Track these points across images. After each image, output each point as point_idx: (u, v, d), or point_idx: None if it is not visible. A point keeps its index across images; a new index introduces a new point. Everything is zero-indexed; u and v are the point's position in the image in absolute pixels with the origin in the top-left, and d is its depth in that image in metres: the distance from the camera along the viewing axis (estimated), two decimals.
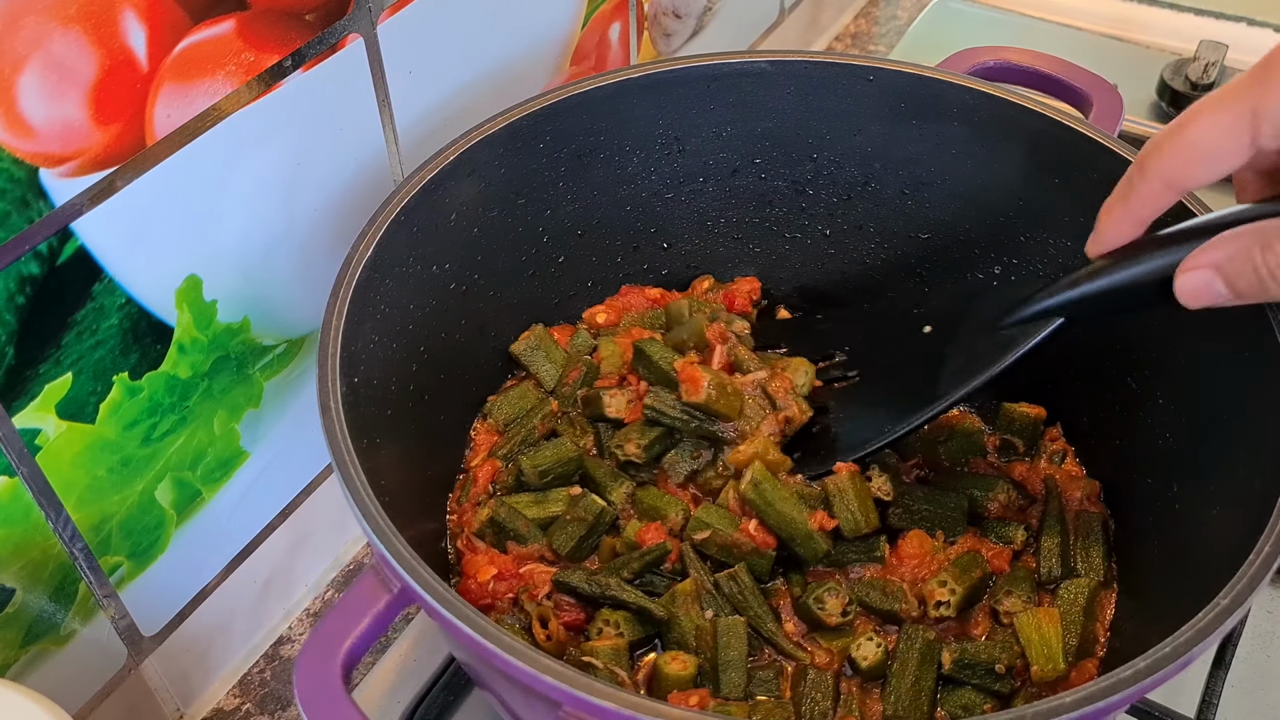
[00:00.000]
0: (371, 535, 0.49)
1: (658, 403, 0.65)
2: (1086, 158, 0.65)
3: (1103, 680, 0.44)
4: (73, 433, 0.55)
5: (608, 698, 0.43)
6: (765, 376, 0.67)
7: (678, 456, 0.66)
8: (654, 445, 0.66)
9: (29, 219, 0.49)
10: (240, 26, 0.55)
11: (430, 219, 0.63)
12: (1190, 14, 1.13)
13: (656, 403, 0.65)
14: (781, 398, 0.66)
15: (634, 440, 0.66)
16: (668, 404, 0.65)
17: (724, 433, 0.64)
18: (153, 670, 0.65)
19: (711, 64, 0.70)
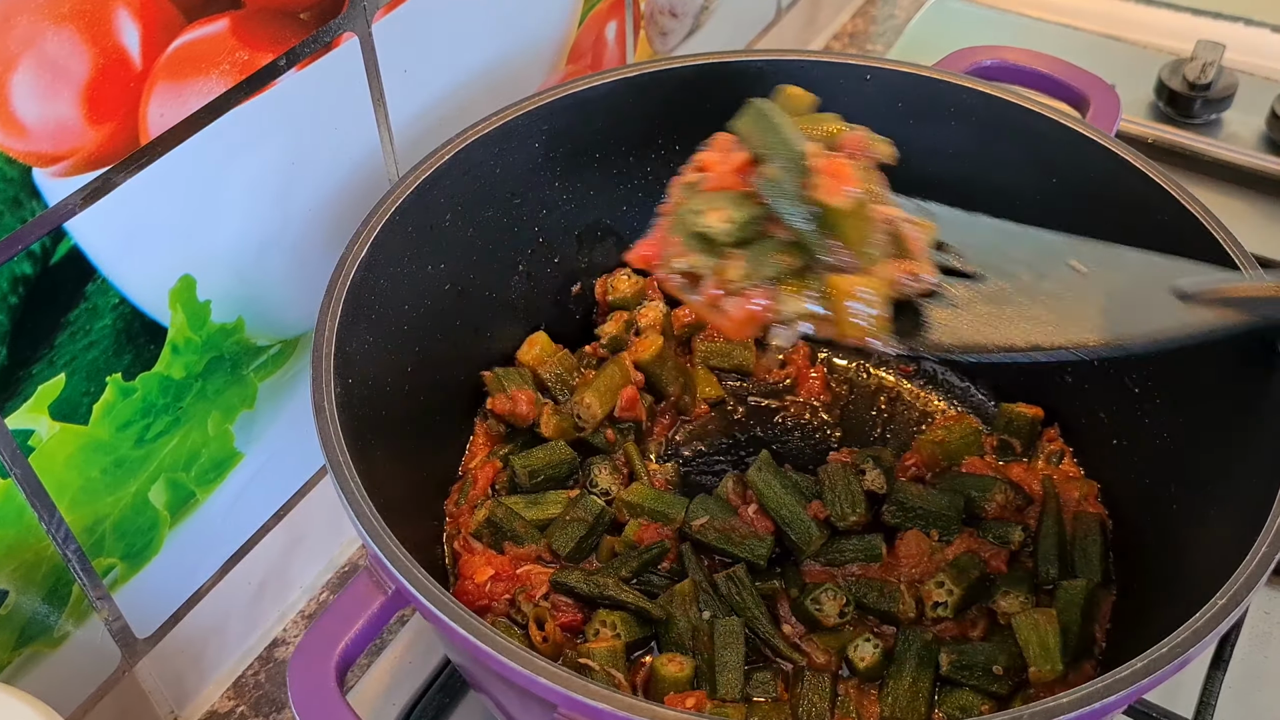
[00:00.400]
0: (366, 537, 0.48)
1: (776, 181, 0.52)
2: (1084, 157, 0.66)
3: (1100, 681, 0.44)
4: (66, 434, 0.54)
5: (603, 699, 0.43)
6: (902, 216, 0.55)
7: (763, 251, 0.53)
8: (746, 226, 0.52)
9: (22, 219, 0.49)
10: (234, 25, 0.55)
11: (425, 219, 0.63)
12: (1188, 14, 1.13)
13: (775, 180, 0.52)
14: (914, 246, 0.55)
15: (724, 210, 0.52)
16: (788, 190, 0.52)
17: (833, 255, 0.53)
18: (147, 672, 0.65)
19: (708, 63, 0.70)
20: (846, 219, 0.52)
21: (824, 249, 0.52)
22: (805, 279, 0.53)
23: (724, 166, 0.54)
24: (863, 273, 0.52)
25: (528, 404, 0.69)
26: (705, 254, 0.53)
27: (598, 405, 0.68)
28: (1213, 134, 0.99)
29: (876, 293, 0.52)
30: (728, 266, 0.52)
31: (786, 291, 0.53)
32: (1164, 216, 0.62)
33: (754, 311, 0.52)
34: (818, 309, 0.53)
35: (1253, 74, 1.04)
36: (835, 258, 0.52)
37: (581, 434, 0.69)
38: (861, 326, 0.52)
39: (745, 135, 0.55)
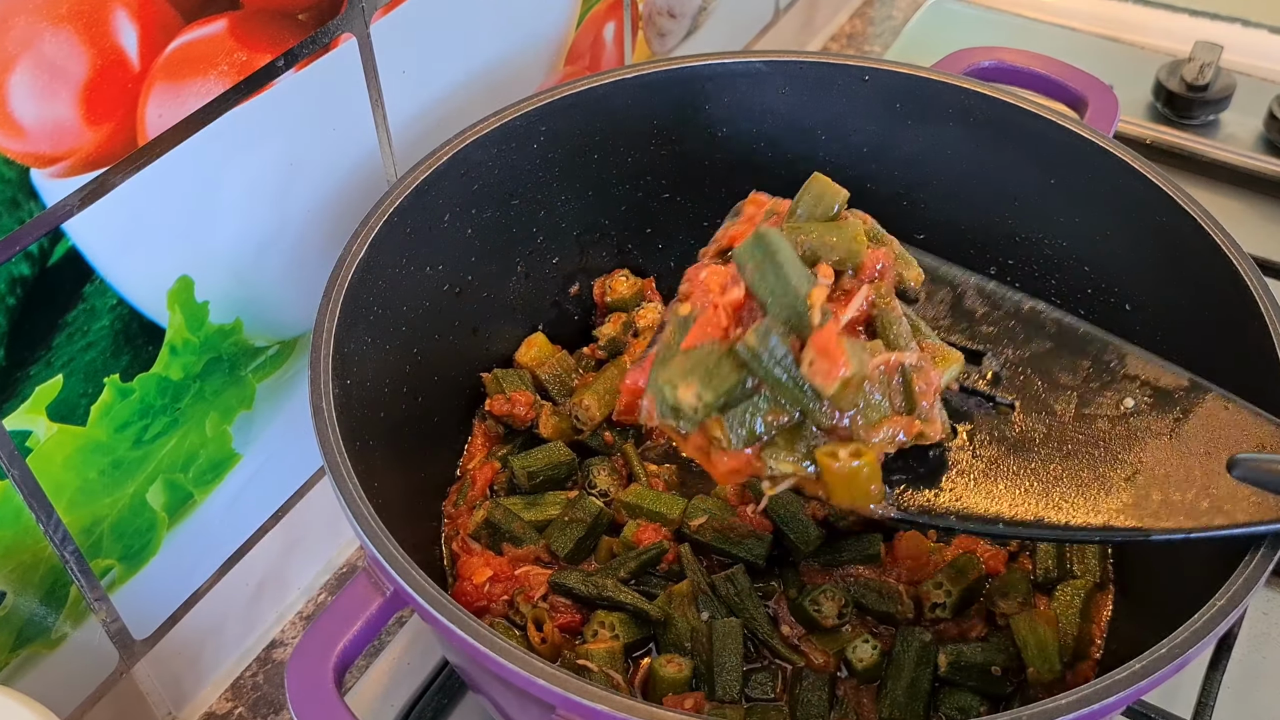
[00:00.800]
0: (364, 538, 0.48)
1: (763, 348, 0.46)
2: (1082, 158, 0.65)
3: (1099, 682, 0.44)
4: (64, 435, 0.54)
5: (601, 701, 0.43)
6: (913, 362, 0.49)
7: (748, 412, 0.48)
8: (720, 399, 0.48)
9: (19, 219, 0.49)
10: (232, 26, 0.55)
11: (423, 220, 0.63)
12: (1185, 15, 1.13)
13: (761, 347, 0.46)
14: (925, 400, 0.49)
15: (694, 386, 0.47)
16: (776, 358, 0.46)
17: (824, 414, 0.48)
18: (144, 674, 0.64)
19: (706, 64, 0.70)
20: (838, 396, 0.47)
21: (817, 413, 0.47)
22: (797, 436, 0.48)
23: (722, 299, 0.49)
24: (857, 438, 0.48)
25: (526, 405, 0.69)
26: (684, 422, 0.48)
27: (597, 407, 0.68)
28: (1210, 135, 0.99)
29: (868, 465, 0.47)
30: (710, 428, 0.48)
31: (774, 452, 0.48)
32: (1162, 218, 0.62)
33: (739, 467, 0.49)
34: (809, 470, 0.48)
35: (1250, 75, 1.04)
36: (830, 420, 0.47)
37: (580, 436, 0.69)
38: (850, 497, 0.49)
39: (744, 267, 0.49)
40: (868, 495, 0.49)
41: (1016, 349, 0.54)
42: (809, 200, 0.53)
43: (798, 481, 0.49)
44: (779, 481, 0.49)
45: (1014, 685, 0.59)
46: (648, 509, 0.65)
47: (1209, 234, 0.59)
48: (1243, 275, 0.58)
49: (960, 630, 0.61)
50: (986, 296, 0.55)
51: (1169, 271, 0.63)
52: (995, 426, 0.52)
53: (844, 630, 0.61)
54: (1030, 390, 0.52)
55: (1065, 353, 0.53)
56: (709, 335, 0.48)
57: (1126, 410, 0.51)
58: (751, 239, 0.49)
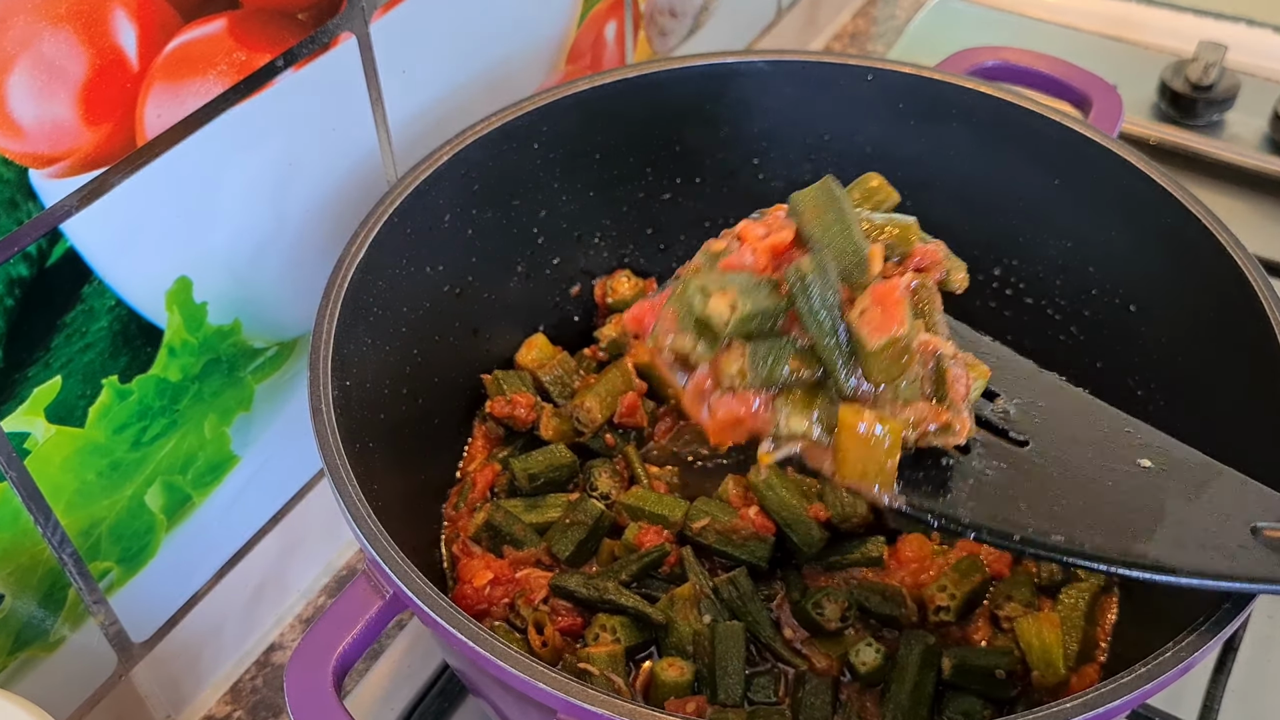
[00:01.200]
0: (363, 540, 0.48)
1: (812, 279, 0.44)
2: (1086, 158, 0.65)
3: (1104, 686, 0.44)
4: (62, 436, 0.54)
5: (603, 704, 0.43)
6: (951, 354, 0.47)
7: (773, 352, 0.45)
8: (755, 321, 0.45)
9: (18, 220, 0.49)
10: (231, 25, 0.54)
11: (423, 220, 0.63)
12: (1190, 14, 1.13)
13: (811, 277, 0.44)
14: (955, 392, 0.46)
15: (732, 295, 0.44)
16: (825, 294, 0.44)
17: (853, 382, 0.45)
18: (143, 677, 0.64)
19: (708, 63, 0.70)
20: (879, 355, 0.44)
21: (847, 371, 0.44)
22: (816, 395, 0.45)
23: (762, 241, 0.46)
24: (883, 409, 0.45)
25: (527, 407, 0.69)
26: (701, 341, 0.45)
27: (598, 410, 0.68)
28: (1215, 135, 0.99)
29: (891, 436, 0.44)
30: (727, 359, 0.45)
31: (789, 404, 0.45)
32: (1166, 218, 0.62)
33: (743, 417, 0.45)
34: (821, 435, 0.45)
35: (1255, 75, 1.04)
36: (858, 384, 0.44)
37: (581, 438, 0.69)
38: (862, 470, 0.45)
39: (802, 210, 0.46)
40: (880, 471, 0.45)
41: (1029, 398, 0.52)
42: (860, 194, 0.52)
43: (802, 448, 0.45)
44: (781, 444, 0.45)
45: (1018, 689, 0.59)
46: (649, 511, 0.65)
47: (1213, 234, 0.59)
48: (1247, 275, 0.57)
49: (964, 634, 0.61)
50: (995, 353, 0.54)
51: (1173, 272, 0.63)
52: (1011, 454, 0.50)
53: (847, 633, 0.61)
54: (1045, 435, 0.51)
55: (1080, 414, 0.52)
56: (750, 266, 0.45)
57: (1144, 467, 0.49)
58: (816, 185, 0.46)
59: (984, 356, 0.51)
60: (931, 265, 0.48)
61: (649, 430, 0.72)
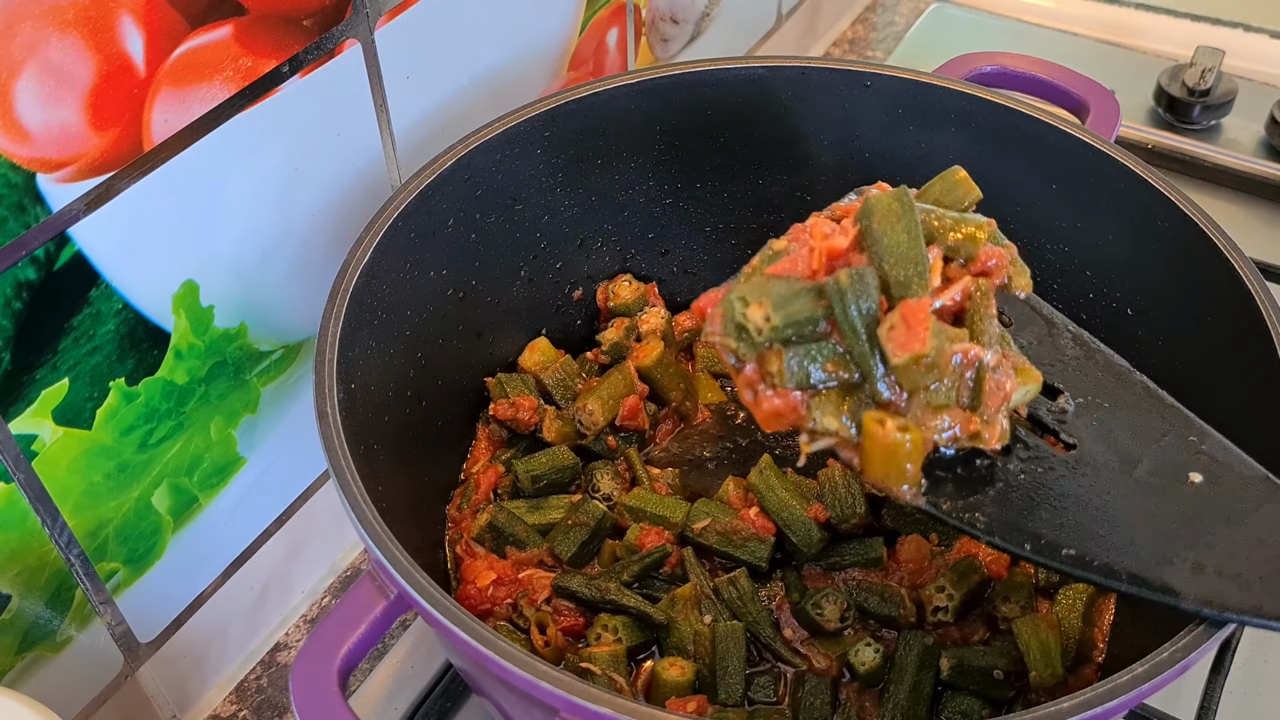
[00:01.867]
0: (368, 541, 0.48)
1: (853, 289, 0.45)
2: (1083, 163, 0.66)
3: (1101, 686, 0.44)
4: (69, 438, 0.54)
5: (605, 703, 0.43)
6: (991, 362, 0.47)
7: (811, 355, 0.47)
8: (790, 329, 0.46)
9: (26, 224, 0.49)
10: (238, 32, 0.55)
11: (427, 225, 0.63)
12: (1187, 20, 1.13)
13: (852, 288, 0.46)
14: (992, 402, 0.47)
15: (766, 307, 0.46)
16: (861, 305, 0.46)
17: (885, 384, 0.47)
18: (149, 677, 0.65)
19: (709, 69, 0.70)
20: (904, 369, 0.46)
21: (877, 381, 0.46)
22: (850, 395, 0.47)
23: (824, 242, 0.48)
24: (913, 414, 0.46)
25: (530, 410, 0.69)
26: (742, 343, 0.47)
27: (600, 412, 0.68)
28: (1212, 140, 1.00)
29: (913, 443, 0.46)
30: (768, 359, 0.47)
31: (823, 403, 0.47)
32: (1164, 222, 0.62)
33: (784, 411, 0.47)
34: (852, 433, 0.47)
35: (1252, 80, 1.04)
36: (888, 393, 0.46)
37: (583, 440, 0.69)
38: (884, 472, 0.47)
39: (871, 215, 0.48)
40: (902, 474, 0.47)
41: (1096, 397, 0.52)
42: (941, 188, 0.53)
43: (837, 443, 0.48)
44: (818, 438, 0.48)
45: (1016, 689, 0.59)
46: (651, 513, 0.65)
47: (1210, 238, 0.60)
48: (1244, 279, 0.58)
49: (962, 634, 0.61)
50: (1081, 344, 0.54)
51: (1171, 276, 0.63)
52: (1050, 458, 0.50)
53: (846, 634, 0.61)
54: (1097, 438, 0.50)
55: (1144, 415, 0.52)
56: (797, 270, 0.47)
57: (1193, 483, 0.49)
58: (892, 192, 0.48)
59: (1064, 347, 0.52)
60: (995, 269, 0.49)
61: (650, 433, 0.72)
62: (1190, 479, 0.49)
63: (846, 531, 0.64)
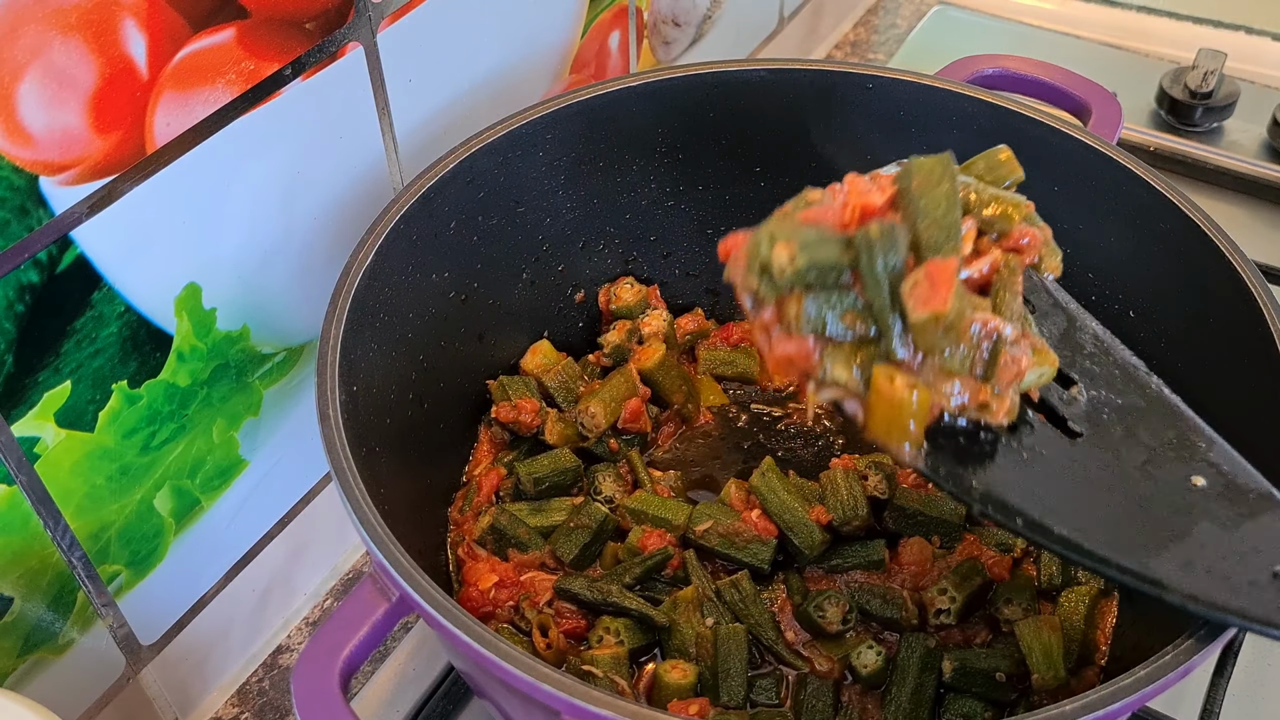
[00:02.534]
0: (370, 544, 0.49)
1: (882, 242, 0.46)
2: (1086, 166, 0.66)
3: (1104, 688, 0.44)
4: (71, 441, 0.54)
5: (607, 706, 0.43)
6: (1011, 337, 0.47)
7: (831, 303, 0.47)
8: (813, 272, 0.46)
9: (28, 227, 0.49)
10: (240, 35, 0.55)
11: (430, 227, 0.63)
12: (1189, 22, 1.13)
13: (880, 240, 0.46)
14: (1003, 376, 0.47)
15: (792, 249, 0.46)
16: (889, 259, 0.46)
17: (900, 343, 0.47)
18: (151, 679, 0.65)
19: (711, 72, 0.70)
20: (923, 328, 0.46)
21: (893, 338, 0.46)
22: (863, 349, 0.47)
23: (859, 198, 0.48)
24: (924, 376, 0.46)
25: (532, 412, 0.69)
26: (764, 283, 0.47)
27: (602, 415, 0.68)
28: (1214, 142, 1.00)
29: (920, 404, 0.46)
30: (788, 303, 0.47)
31: (836, 353, 0.47)
32: (1166, 224, 0.62)
33: (795, 358, 0.48)
34: (860, 387, 0.47)
35: (1254, 82, 1.04)
36: (903, 352, 0.46)
37: (585, 443, 0.69)
38: (887, 429, 0.47)
39: (912, 176, 0.48)
40: (905, 433, 0.47)
41: (1108, 393, 0.52)
42: (985, 164, 0.53)
43: (843, 395, 0.48)
44: (825, 388, 0.48)
45: (1019, 692, 0.59)
46: (653, 515, 0.65)
47: (1213, 240, 0.60)
48: (1246, 281, 0.58)
49: (965, 636, 0.61)
50: (1098, 340, 0.55)
51: (1173, 278, 0.63)
52: (1055, 442, 0.50)
53: (848, 636, 0.61)
54: (1105, 431, 0.51)
55: (1155, 417, 0.52)
56: (828, 220, 0.47)
57: (1194, 486, 0.49)
58: (936, 157, 0.48)
59: (1084, 342, 0.53)
60: (1026, 248, 0.50)
61: (652, 435, 0.72)
62: (1193, 482, 0.49)
63: (848, 534, 0.64)
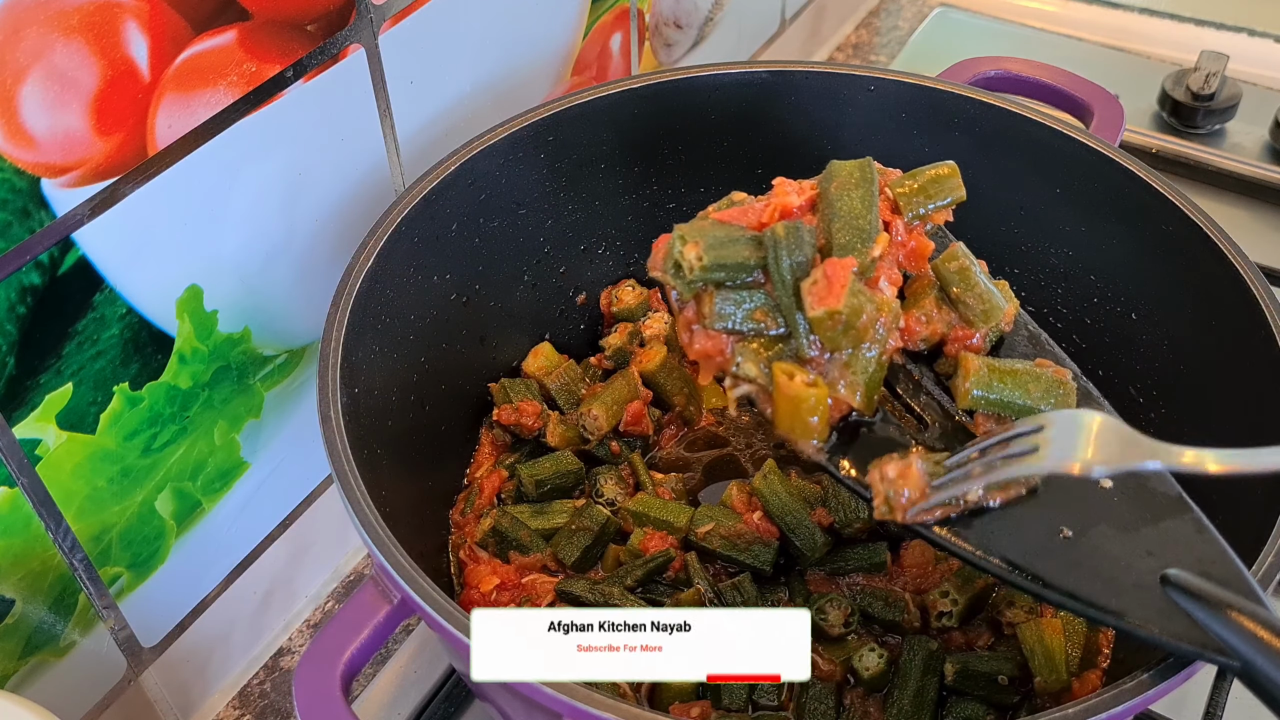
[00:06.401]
0: (371, 546, 0.48)
1: (788, 239, 0.47)
2: (1088, 168, 0.66)
3: (1106, 691, 0.44)
4: (73, 443, 0.54)
5: (608, 709, 0.43)
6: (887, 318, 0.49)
7: (741, 301, 0.49)
8: (721, 270, 0.48)
9: (30, 229, 0.49)
10: (242, 37, 0.55)
11: (431, 229, 0.63)
12: (1191, 24, 1.13)
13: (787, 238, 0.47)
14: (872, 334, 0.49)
15: (699, 247, 0.48)
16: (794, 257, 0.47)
17: (806, 341, 0.49)
18: (152, 681, 0.65)
19: (713, 74, 0.70)
20: (821, 324, 0.47)
21: (804, 333, 0.48)
22: (774, 346, 0.49)
23: (780, 199, 0.50)
24: (826, 373, 0.48)
25: (533, 415, 0.69)
26: (678, 280, 0.49)
27: (604, 418, 0.68)
28: (1216, 144, 1.00)
29: (819, 400, 0.48)
30: (702, 301, 0.49)
31: (747, 350, 0.49)
32: (1168, 227, 0.62)
33: (712, 353, 0.49)
34: (768, 383, 0.49)
35: (1256, 84, 1.04)
36: (810, 351, 0.48)
37: (587, 445, 0.69)
38: (789, 425, 0.49)
39: (832, 179, 0.50)
40: (808, 429, 0.49)
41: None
42: (928, 179, 0.54)
43: (755, 391, 0.50)
44: (739, 383, 0.50)
45: (1021, 695, 0.59)
46: (654, 517, 0.65)
47: (1215, 243, 0.60)
48: (1248, 283, 0.58)
49: (967, 639, 0.61)
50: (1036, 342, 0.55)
51: (1175, 280, 0.63)
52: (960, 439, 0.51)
53: (850, 639, 0.61)
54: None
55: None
56: (746, 220, 0.49)
57: (1100, 487, 0.49)
58: (856, 162, 0.51)
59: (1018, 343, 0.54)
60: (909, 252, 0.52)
61: (654, 438, 0.72)
62: (1101, 483, 0.49)
63: (851, 536, 0.64)
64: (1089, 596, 0.46)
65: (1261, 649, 0.42)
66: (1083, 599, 0.46)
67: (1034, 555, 0.47)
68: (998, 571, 0.47)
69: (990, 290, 0.53)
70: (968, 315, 0.52)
